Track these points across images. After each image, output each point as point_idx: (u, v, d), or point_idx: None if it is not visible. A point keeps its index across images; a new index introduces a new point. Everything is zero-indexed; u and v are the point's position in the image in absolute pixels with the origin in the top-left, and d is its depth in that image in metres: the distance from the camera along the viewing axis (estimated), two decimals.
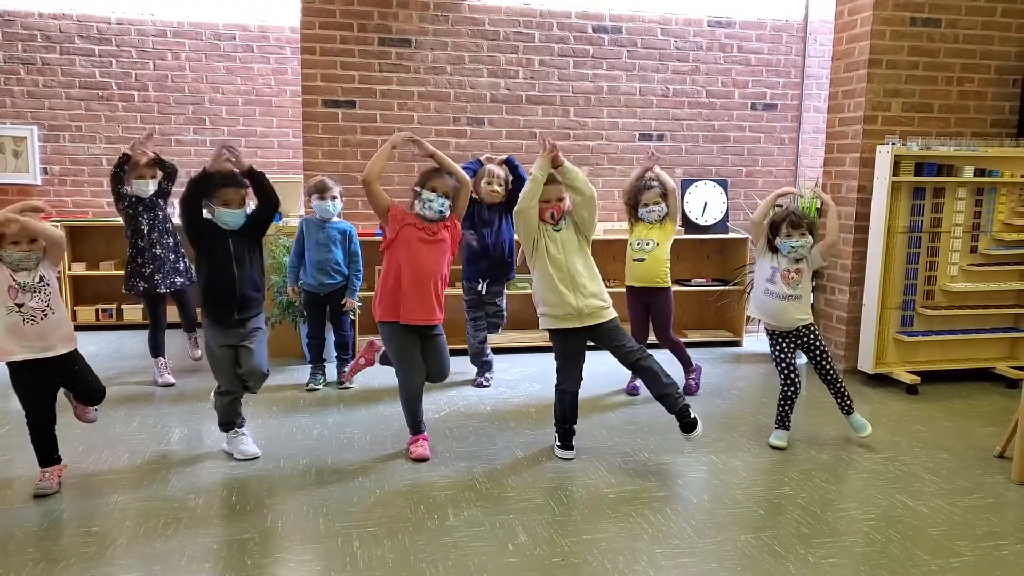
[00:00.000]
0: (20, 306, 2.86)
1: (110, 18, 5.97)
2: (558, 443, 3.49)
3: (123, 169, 4.30)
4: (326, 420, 3.91)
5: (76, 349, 3.05)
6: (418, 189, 3.40)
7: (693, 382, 4.47)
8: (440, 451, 3.50)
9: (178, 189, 4.35)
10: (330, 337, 4.62)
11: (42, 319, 2.90)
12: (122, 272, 5.51)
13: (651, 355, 3.42)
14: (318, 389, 4.43)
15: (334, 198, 4.38)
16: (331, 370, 4.61)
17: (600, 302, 3.39)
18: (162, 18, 6.04)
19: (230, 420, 3.41)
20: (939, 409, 4.23)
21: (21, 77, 5.92)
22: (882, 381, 4.70)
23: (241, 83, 6.21)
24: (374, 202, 3.39)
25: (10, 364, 2.93)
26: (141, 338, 5.33)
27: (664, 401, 3.37)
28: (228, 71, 6.19)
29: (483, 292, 4.47)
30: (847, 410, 3.67)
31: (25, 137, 5.95)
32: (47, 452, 3.04)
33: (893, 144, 4.50)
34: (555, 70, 5.55)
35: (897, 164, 4.52)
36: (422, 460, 3.38)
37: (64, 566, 2.47)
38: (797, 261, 3.56)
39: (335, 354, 4.62)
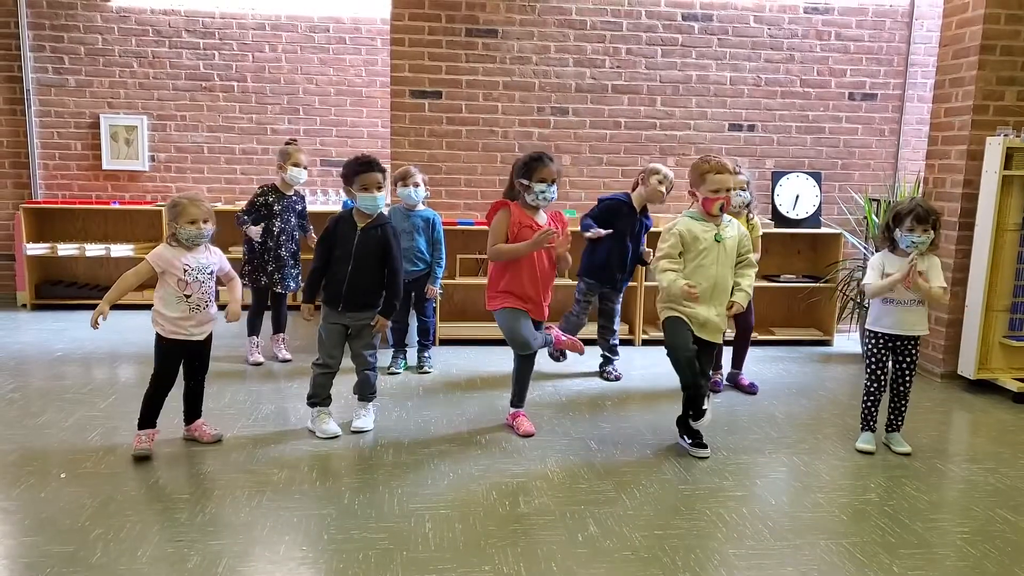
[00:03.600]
0: (188, 296, 3.19)
1: (214, 13, 6.25)
2: (690, 442, 3.41)
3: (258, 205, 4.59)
4: (405, 403, 4.00)
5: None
6: (526, 182, 3.42)
7: (738, 381, 4.41)
8: (513, 440, 3.52)
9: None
10: (413, 323, 4.71)
11: (205, 308, 3.26)
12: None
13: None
14: (399, 373, 4.53)
15: (416, 185, 4.44)
16: (412, 355, 4.71)
17: (724, 323, 3.37)
18: (261, 12, 6.28)
19: (319, 395, 3.55)
20: None
21: (134, 70, 6.28)
22: (985, 388, 4.42)
23: (333, 74, 6.40)
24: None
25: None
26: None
27: (694, 403, 3.34)
28: (321, 62, 6.38)
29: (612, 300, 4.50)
30: (895, 427, 3.52)
31: (136, 126, 6.32)
32: (153, 415, 3.27)
33: (1005, 135, 4.22)
34: (642, 59, 5.47)
35: (1009, 157, 4.24)
36: (528, 435, 3.54)
37: (158, 529, 2.62)
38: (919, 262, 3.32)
39: (416, 339, 4.71)
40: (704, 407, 3.30)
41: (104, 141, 6.30)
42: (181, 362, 3.32)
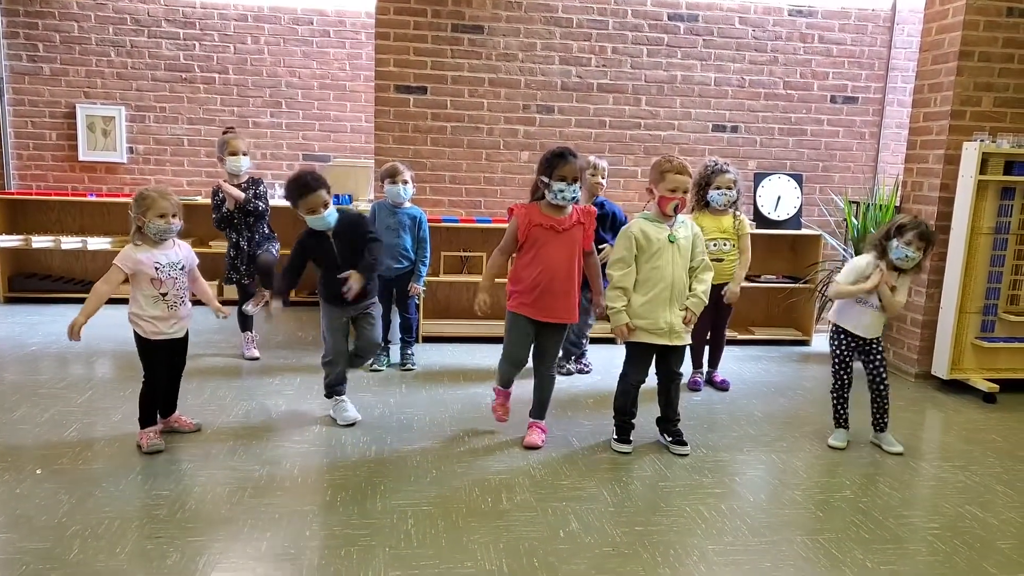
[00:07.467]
0: (164, 295, 3.16)
1: (195, 2, 6.18)
2: (615, 436, 3.47)
3: (221, 199, 4.48)
4: (388, 400, 3.99)
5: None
6: (546, 180, 3.25)
7: (712, 378, 4.49)
8: (496, 436, 3.54)
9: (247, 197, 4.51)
10: (395, 319, 4.71)
11: (182, 304, 3.24)
12: (200, 249, 5.78)
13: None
14: (381, 370, 4.52)
15: (405, 182, 4.43)
16: (395, 351, 4.70)
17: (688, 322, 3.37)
18: (244, 3, 6.22)
19: (335, 387, 3.63)
20: (1018, 419, 4.04)
21: (111, 59, 6.19)
22: (957, 388, 4.51)
23: (317, 67, 6.35)
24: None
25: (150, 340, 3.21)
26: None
27: (667, 423, 3.49)
28: (305, 55, 6.33)
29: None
30: (881, 427, 3.57)
31: (114, 117, 6.23)
32: (153, 413, 3.27)
33: (981, 141, 4.30)
34: (628, 58, 5.49)
35: (984, 162, 4.31)
36: (501, 421, 3.62)
37: (137, 525, 2.60)
38: (896, 272, 3.40)
39: (399, 336, 4.70)
40: (684, 440, 3.44)
41: (80, 132, 6.20)
42: (167, 359, 3.31)
